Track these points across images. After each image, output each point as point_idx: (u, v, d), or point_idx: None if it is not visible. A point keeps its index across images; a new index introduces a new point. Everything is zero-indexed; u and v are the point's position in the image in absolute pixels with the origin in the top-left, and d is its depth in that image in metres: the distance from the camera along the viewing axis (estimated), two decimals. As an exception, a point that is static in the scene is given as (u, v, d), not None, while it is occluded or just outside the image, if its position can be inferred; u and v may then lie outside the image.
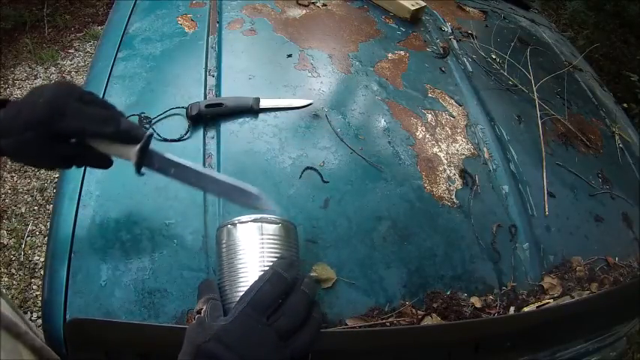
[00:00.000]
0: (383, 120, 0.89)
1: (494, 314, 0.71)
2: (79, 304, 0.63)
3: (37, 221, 1.92)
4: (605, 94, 1.30)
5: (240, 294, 0.46)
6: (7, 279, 1.72)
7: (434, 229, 0.77)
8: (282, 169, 0.78)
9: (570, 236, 0.84)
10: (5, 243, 1.83)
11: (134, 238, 0.68)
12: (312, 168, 0.78)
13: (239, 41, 1.00)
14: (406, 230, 0.75)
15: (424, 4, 1.18)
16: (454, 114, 0.96)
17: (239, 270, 0.50)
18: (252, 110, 0.84)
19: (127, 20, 1.06)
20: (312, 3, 1.16)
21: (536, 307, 0.72)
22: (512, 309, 0.72)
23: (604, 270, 0.82)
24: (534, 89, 1.05)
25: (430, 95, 0.98)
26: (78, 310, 0.62)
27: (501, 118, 0.98)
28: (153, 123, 0.81)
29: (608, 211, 0.91)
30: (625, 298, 0.79)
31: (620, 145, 1.07)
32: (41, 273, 1.66)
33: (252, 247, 0.51)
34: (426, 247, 0.74)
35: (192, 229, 0.69)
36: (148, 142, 0.53)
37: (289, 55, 0.98)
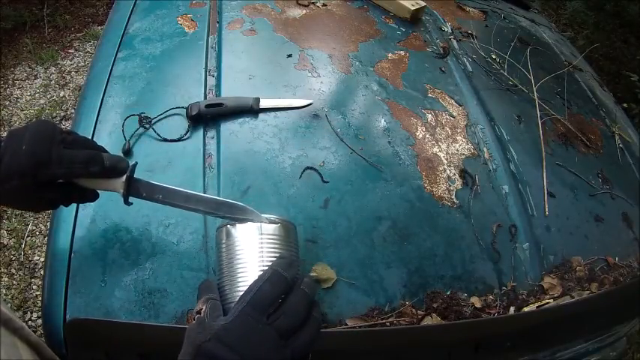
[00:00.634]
0: (383, 120, 0.89)
1: (494, 314, 0.71)
2: (79, 304, 0.63)
3: (37, 221, 1.92)
4: (605, 94, 1.30)
5: (240, 294, 0.46)
6: (7, 279, 1.72)
7: (434, 229, 0.76)
8: (282, 169, 0.78)
9: (570, 236, 0.84)
10: (5, 243, 1.83)
11: (134, 238, 0.68)
12: (312, 168, 0.78)
13: (239, 41, 1.00)
14: (406, 230, 0.75)
15: (424, 4, 1.18)
16: (454, 114, 0.96)
17: (238, 270, 0.50)
18: (252, 110, 0.84)
19: (127, 20, 1.06)
20: (312, 3, 1.16)
21: (536, 307, 0.72)
22: (512, 309, 0.72)
23: (604, 270, 0.82)
24: (534, 89, 1.05)
25: (430, 95, 0.98)
26: (78, 310, 0.62)
27: (501, 118, 0.98)
28: (153, 123, 0.81)
29: (608, 211, 0.91)
30: (625, 298, 0.79)
31: (620, 145, 1.07)
32: (41, 273, 1.66)
33: (252, 247, 0.50)
34: (426, 247, 0.74)
35: (192, 229, 0.69)
36: (132, 173, 0.55)
37: (289, 55, 0.98)
